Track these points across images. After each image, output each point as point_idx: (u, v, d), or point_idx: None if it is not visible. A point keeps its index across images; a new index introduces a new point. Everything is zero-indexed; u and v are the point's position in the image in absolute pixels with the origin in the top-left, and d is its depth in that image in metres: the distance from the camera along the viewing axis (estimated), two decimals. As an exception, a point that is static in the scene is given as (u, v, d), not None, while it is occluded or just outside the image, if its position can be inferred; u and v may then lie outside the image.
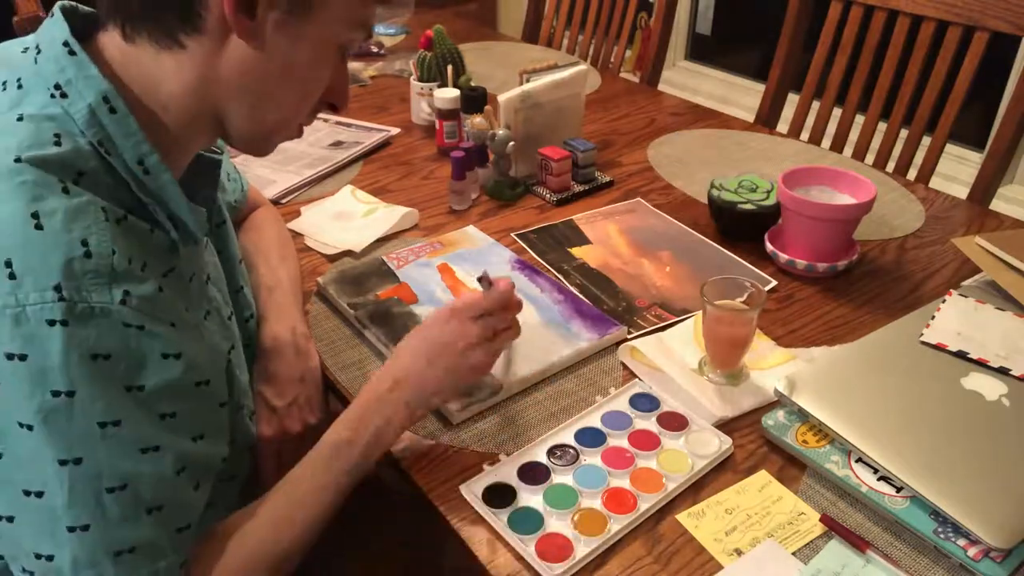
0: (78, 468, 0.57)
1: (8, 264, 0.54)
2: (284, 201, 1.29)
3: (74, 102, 0.61)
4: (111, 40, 0.64)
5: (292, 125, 0.72)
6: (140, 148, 0.63)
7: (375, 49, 1.98)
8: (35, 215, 0.55)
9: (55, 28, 0.63)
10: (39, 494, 0.57)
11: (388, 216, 1.21)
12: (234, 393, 0.76)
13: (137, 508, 0.60)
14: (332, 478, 0.73)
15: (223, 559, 0.67)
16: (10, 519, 0.58)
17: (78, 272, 0.56)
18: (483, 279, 0.82)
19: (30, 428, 0.55)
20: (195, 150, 0.73)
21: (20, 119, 0.60)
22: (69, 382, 0.55)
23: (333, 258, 1.15)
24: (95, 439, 0.57)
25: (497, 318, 0.81)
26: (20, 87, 0.62)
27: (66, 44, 0.62)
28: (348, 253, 1.15)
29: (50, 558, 0.58)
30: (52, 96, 0.61)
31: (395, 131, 1.53)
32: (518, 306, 0.83)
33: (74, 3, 0.66)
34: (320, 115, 1.60)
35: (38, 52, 0.63)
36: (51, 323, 0.54)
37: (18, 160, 0.57)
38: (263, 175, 1.35)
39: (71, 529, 0.58)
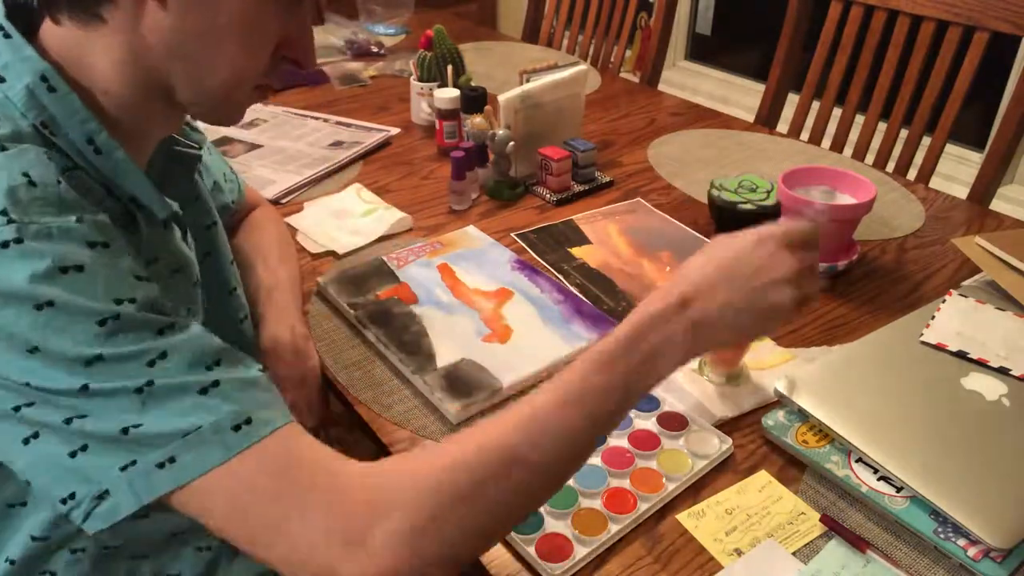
0: (103, 363, 0.53)
1: None
2: (284, 201, 1.29)
3: (11, 84, 0.59)
4: (48, 29, 0.63)
5: (244, 86, 0.67)
6: (87, 126, 0.61)
7: (375, 49, 1.98)
8: None
9: None
10: (84, 388, 0.53)
11: (381, 221, 1.21)
12: None
13: (194, 363, 0.56)
14: (587, 391, 0.60)
15: (456, 438, 0.59)
16: (84, 448, 0.54)
17: (23, 199, 0.54)
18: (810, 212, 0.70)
19: (36, 350, 0.52)
20: (157, 134, 0.71)
21: None
22: (44, 295, 0.52)
23: (316, 256, 1.15)
24: (101, 337, 0.54)
25: (811, 255, 0.67)
26: None
27: (1, 28, 0.61)
28: (331, 254, 1.15)
29: (137, 425, 0.53)
30: None
31: (395, 131, 1.53)
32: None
33: None
34: (320, 115, 1.63)
35: None
36: (4, 245, 0.52)
37: None
38: (263, 175, 1.35)
39: (138, 390, 0.54)
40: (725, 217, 1.18)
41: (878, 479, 0.75)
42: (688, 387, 0.89)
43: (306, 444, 0.57)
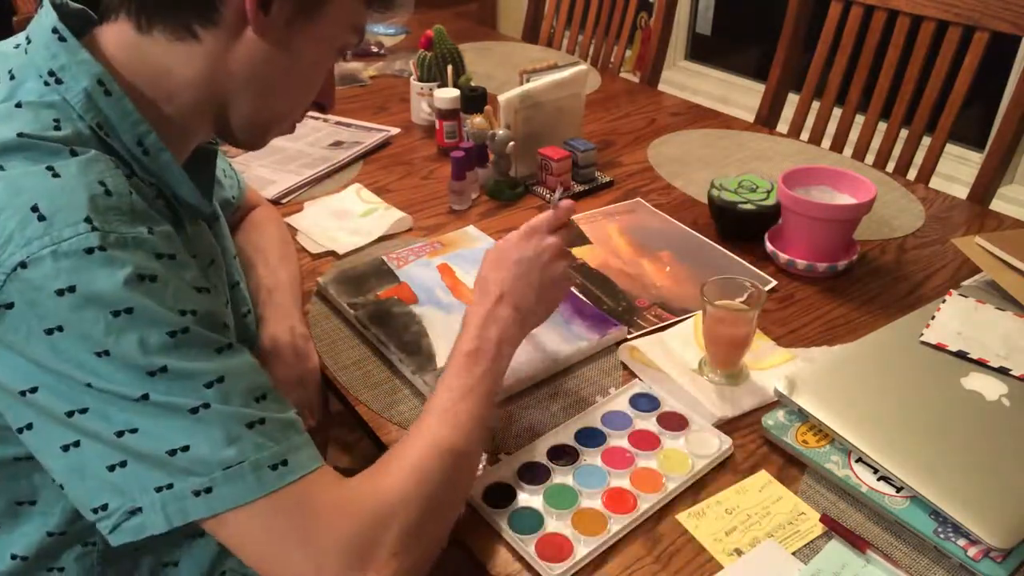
0: (167, 376, 0.56)
1: (35, 209, 0.55)
2: (284, 201, 1.29)
3: (70, 87, 0.62)
4: (113, 32, 0.65)
5: (288, 121, 0.75)
6: (138, 128, 0.64)
7: (375, 49, 1.98)
8: (50, 167, 0.57)
9: (43, 17, 0.64)
10: (144, 397, 0.55)
11: (380, 221, 1.21)
12: None
13: (245, 395, 0.59)
14: (474, 380, 0.73)
15: (398, 452, 0.67)
16: (133, 430, 0.56)
17: (102, 207, 0.57)
18: (555, 198, 0.91)
19: (107, 353, 0.55)
20: (195, 142, 0.75)
21: (19, 106, 0.60)
22: (125, 301, 0.55)
23: (317, 256, 1.15)
24: (169, 347, 0.56)
25: (567, 232, 0.86)
26: (12, 78, 0.62)
27: (55, 31, 0.63)
28: (331, 254, 1.15)
29: (185, 448, 0.56)
30: (46, 84, 0.62)
31: (395, 131, 1.53)
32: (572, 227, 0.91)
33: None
34: (320, 115, 1.63)
35: (28, 43, 0.64)
36: (89, 251, 0.55)
37: (21, 135, 0.58)
38: (263, 175, 1.35)
39: (193, 411, 0.56)
40: (725, 217, 1.18)
41: (878, 479, 0.75)
42: (688, 387, 0.89)
43: (326, 486, 0.62)
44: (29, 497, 0.68)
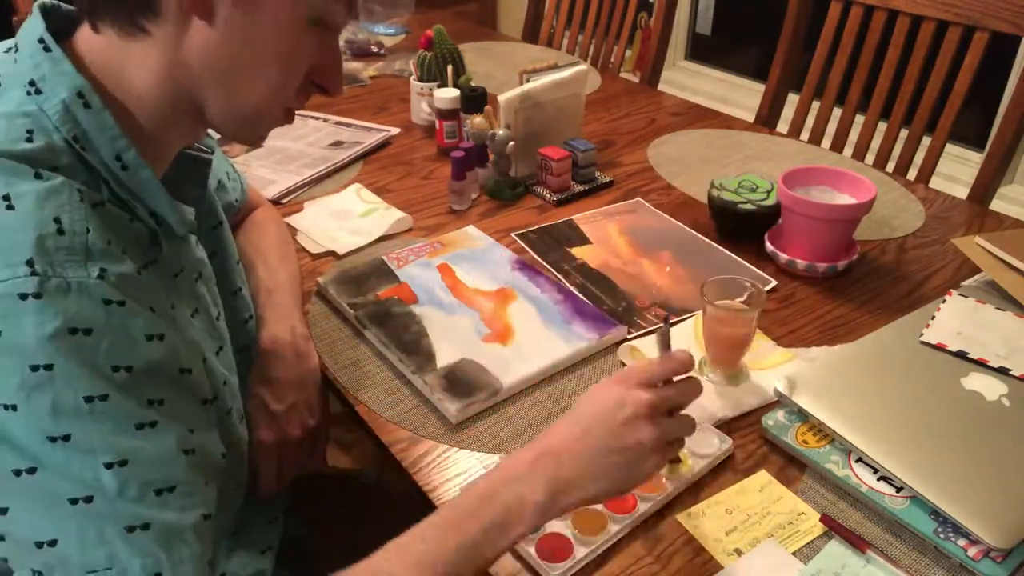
0: (68, 444, 0.53)
1: None
2: (284, 201, 1.29)
3: (48, 98, 0.60)
4: (86, 36, 0.64)
5: (276, 109, 0.70)
6: (117, 143, 0.62)
7: (375, 49, 1.98)
8: (6, 197, 0.55)
9: (32, 25, 0.63)
10: (31, 471, 0.53)
11: (380, 221, 1.21)
12: (221, 394, 0.74)
13: (143, 487, 0.56)
14: (439, 556, 0.60)
15: None
16: (4, 511, 0.54)
17: (50, 248, 0.54)
18: (662, 335, 0.69)
19: (14, 408, 0.52)
20: (177, 145, 0.72)
21: None
22: (47, 356, 0.53)
23: (317, 256, 1.15)
24: (82, 414, 0.54)
25: (674, 392, 0.67)
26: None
27: (41, 41, 0.62)
28: (331, 254, 1.15)
29: (53, 543, 0.53)
30: (28, 93, 0.61)
31: (395, 131, 1.53)
32: (696, 391, 0.69)
33: (55, 1, 0.66)
34: (320, 115, 1.63)
35: (16, 51, 0.63)
36: (23, 296, 0.52)
37: None
38: (263, 175, 1.35)
39: (73, 502, 0.53)
40: (725, 217, 1.18)
41: (878, 479, 0.75)
42: (688, 387, 0.89)
43: None
44: None
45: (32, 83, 0.61)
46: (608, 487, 0.64)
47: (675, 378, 0.68)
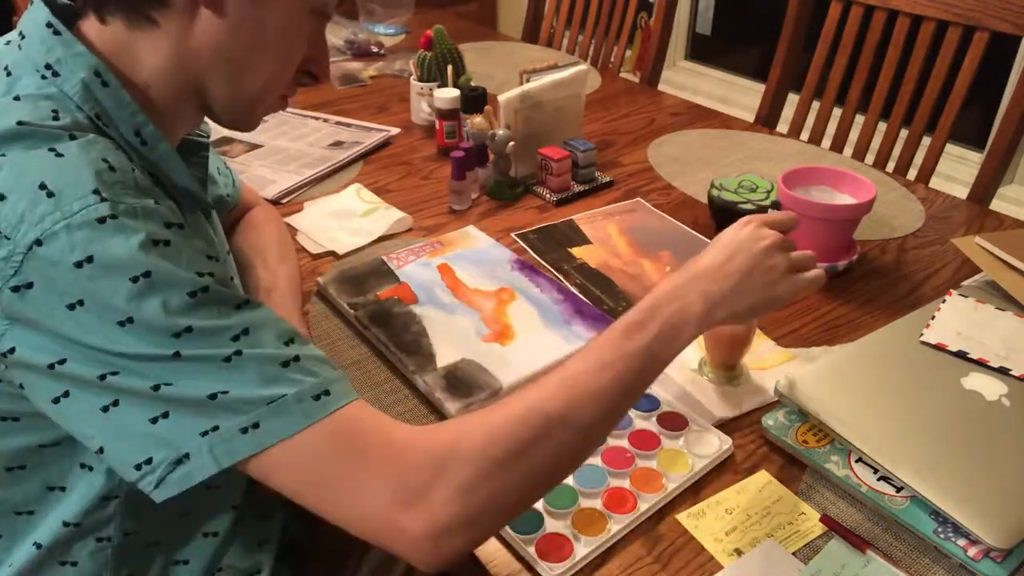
0: (191, 335, 0.56)
1: (43, 187, 0.55)
2: (284, 201, 1.29)
3: (67, 79, 0.62)
4: (92, 25, 0.65)
5: (272, 96, 0.73)
6: (135, 119, 0.64)
7: (375, 49, 1.98)
8: (51, 149, 0.57)
9: (36, 12, 0.64)
10: (176, 355, 0.56)
11: (380, 221, 1.21)
12: None
13: (274, 340, 0.59)
14: (617, 356, 0.65)
15: (504, 402, 0.63)
16: (165, 415, 0.56)
17: (109, 181, 0.57)
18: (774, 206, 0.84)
19: (131, 320, 0.55)
20: (182, 131, 0.74)
21: (16, 99, 0.60)
22: (141, 265, 0.55)
23: (317, 256, 1.15)
24: (191, 307, 0.57)
25: (790, 236, 0.78)
26: (9, 74, 0.63)
27: (49, 25, 0.63)
28: (331, 254, 1.15)
29: (225, 392, 0.56)
30: (43, 77, 0.62)
31: (395, 131, 1.53)
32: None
33: None
34: (320, 115, 1.63)
35: (22, 39, 0.64)
36: (102, 220, 0.55)
37: (20, 123, 0.58)
38: (263, 175, 1.35)
39: (227, 360, 0.57)
40: (725, 217, 1.18)
41: (878, 479, 0.75)
42: (688, 387, 0.89)
43: (372, 415, 0.61)
44: (59, 483, 0.68)
45: (48, 66, 0.62)
46: (753, 303, 0.73)
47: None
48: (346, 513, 0.58)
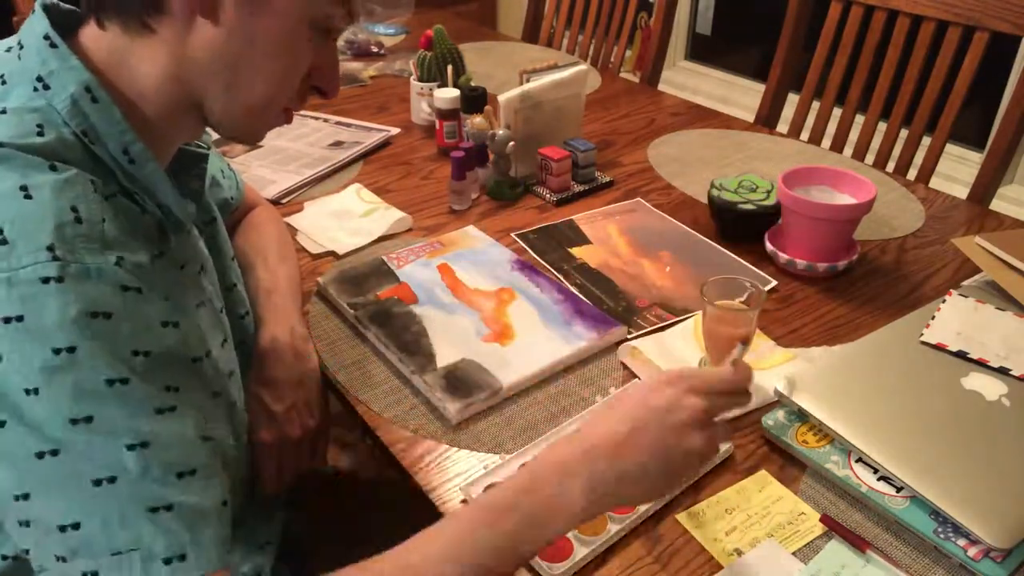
0: (90, 426, 0.54)
1: (0, 231, 0.54)
2: (284, 201, 1.29)
3: (56, 93, 0.61)
4: (91, 33, 0.65)
5: (274, 108, 0.71)
6: (124, 137, 0.63)
7: (375, 49, 1.98)
8: (23, 188, 0.55)
9: (35, 23, 0.64)
10: (53, 452, 0.53)
11: (380, 221, 1.21)
12: (227, 386, 0.75)
13: (166, 469, 0.56)
14: (463, 548, 0.57)
15: None
16: (26, 496, 0.54)
17: (69, 236, 0.55)
18: (735, 353, 0.68)
19: (36, 391, 0.53)
20: (179, 141, 0.73)
21: (3, 112, 0.60)
22: (69, 339, 0.53)
23: (317, 256, 1.15)
24: (104, 396, 0.54)
25: (726, 401, 0.65)
26: (4, 83, 0.62)
27: (47, 37, 0.63)
28: (331, 254, 1.15)
29: (76, 526, 0.54)
30: (35, 89, 0.61)
31: (395, 131, 1.53)
32: (746, 400, 0.68)
33: (55, 0, 0.67)
34: (320, 115, 1.63)
35: (20, 48, 0.64)
36: (45, 280, 0.54)
37: (2, 144, 0.57)
38: (263, 175, 1.35)
39: (96, 483, 0.54)
40: (725, 217, 1.18)
41: (878, 479, 0.75)
42: (688, 387, 0.89)
43: None
44: None
45: (40, 79, 0.62)
46: (647, 490, 0.62)
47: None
48: None
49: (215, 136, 0.80)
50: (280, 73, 0.68)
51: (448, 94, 1.40)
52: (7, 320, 0.53)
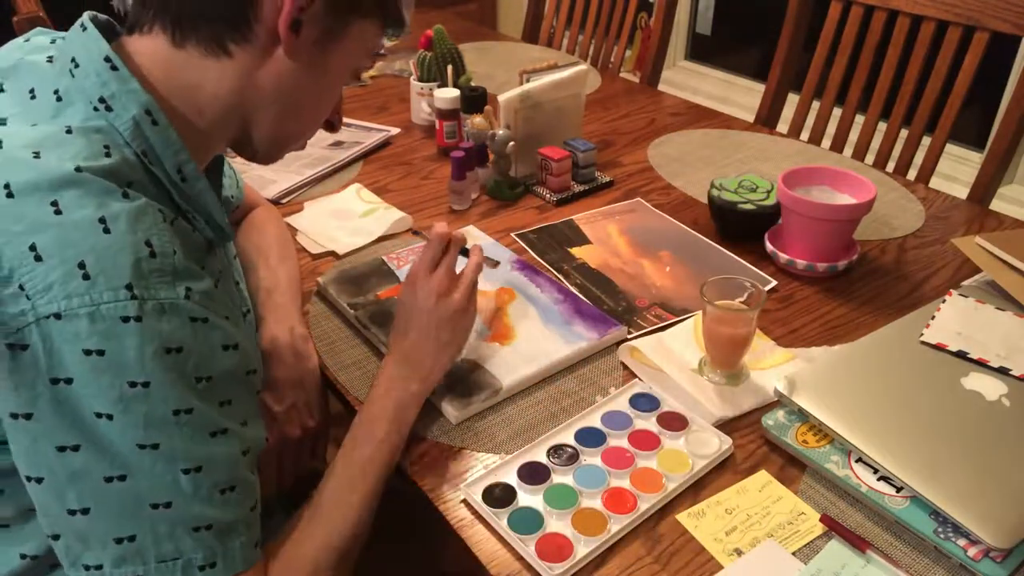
0: (156, 452, 0.58)
1: (82, 266, 0.56)
2: (284, 201, 1.29)
3: (119, 115, 0.62)
4: (145, 44, 0.66)
5: (305, 138, 0.78)
6: (179, 157, 0.65)
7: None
8: (102, 219, 0.57)
9: (91, 42, 0.64)
10: (121, 478, 0.58)
11: (380, 221, 1.21)
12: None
13: (212, 488, 0.62)
14: (363, 460, 0.76)
15: (292, 550, 0.71)
16: (85, 511, 0.58)
17: (146, 271, 0.58)
18: (432, 232, 0.86)
19: (109, 417, 0.56)
20: (215, 152, 0.76)
21: (69, 131, 0.61)
22: (146, 374, 0.57)
23: (317, 256, 1.15)
24: (170, 426, 0.59)
25: (450, 257, 0.86)
26: (59, 99, 0.63)
27: (107, 59, 0.63)
28: (331, 254, 1.15)
29: (132, 538, 0.59)
30: (96, 109, 0.62)
31: (395, 131, 1.53)
32: (460, 239, 0.88)
33: (95, 12, 0.68)
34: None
35: (75, 66, 0.64)
36: (125, 320, 0.56)
37: (78, 170, 0.58)
38: (263, 175, 1.35)
39: (154, 507, 0.59)
40: (725, 217, 1.18)
41: (878, 479, 0.75)
42: (688, 387, 0.89)
43: None
44: (6, 521, 0.69)
45: (102, 100, 0.62)
46: (454, 352, 0.86)
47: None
48: None
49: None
50: (324, 109, 0.75)
51: (448, 94, 1.40)
52: (88, 352, 0.55)
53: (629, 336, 0.98)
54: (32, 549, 0.69)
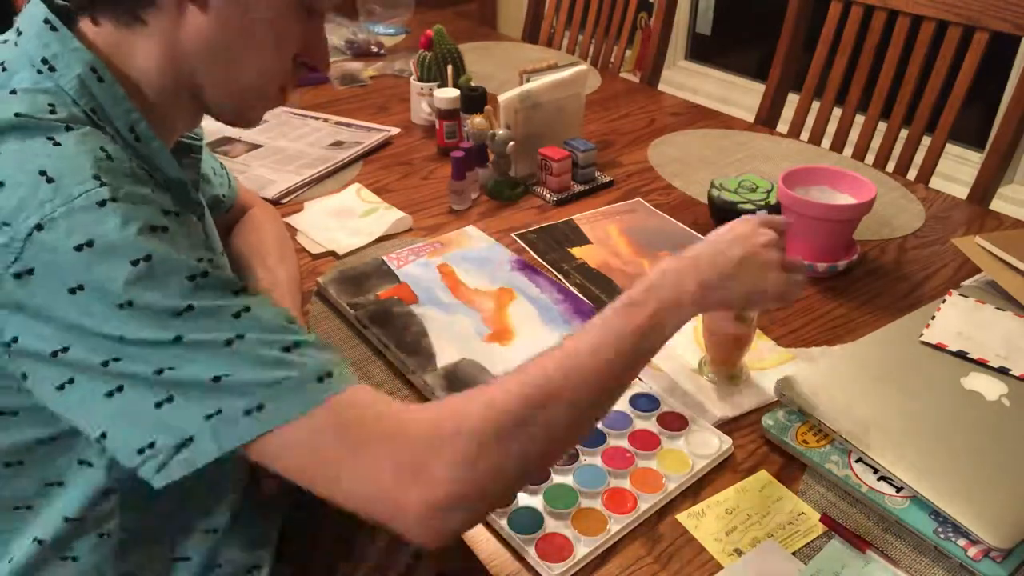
0: (193, 313, 0.57)
1: (43, 172, 0.56)
2: (284, 201, 1.29)
3: (63, 74, 0.63)
4: (87, 26, 0.67)
5: (269, 90, 0.73)
6: (130, 115, 0.65)
7: (375, 49, 1.98)
8: (50, 138, 0.58)
9: (34, 9, 0.65)
10: (176, 340, 0.56)
11: (380, 221, 1.21)
12: None
13: (276, 322, 0.60)
14: (613, 336, 0.66)
15: (501, 379, 0.63)
16: (172, 367, 0.56)
17: (107, 168, 0.58)
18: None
19: (130, 304, 0.55)
20: (181, 129, 0.76)
21: (13, 92, 0.61)
22: (141, 249, 0.56)
23: (317, 256, 1.15)
24: (191, 290, 0.57)
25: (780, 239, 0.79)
26: (4, 69, 0.63)
27: (47, 21, 0.64)
28: (331, 254, 1.15)
29: (229, 374, 0.57)
30: (39, 72, 0.63)
31: (395, 131, 1.53)
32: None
33: None
34: (320, 115, 1.63)
35: (19, 35, 0.65)
36: (101, 203, 0.56)
37: (18, 115, 0.59)
38: (263, 175, 1.35)
39: (228, 342, 0.57)
40: (725, 217, 1.18)
41: (878, 479, 0.75)
42: (688, 387, 0.89)
43: (372, 396, 0.61)
44: (57, 478, 0.68)
45: (44, 61, 0.63)
46: (747, 290, 0.75)
47: None
48: (348, 493, 0.58)
49: (216, 136, 0.81)
50: (270, 56, 0.70)
51: (448, 94, 1.40)
52: (78, 248, 0.55)
53: (629, 336, 0.98)
54: (43, 533, 0.69)
